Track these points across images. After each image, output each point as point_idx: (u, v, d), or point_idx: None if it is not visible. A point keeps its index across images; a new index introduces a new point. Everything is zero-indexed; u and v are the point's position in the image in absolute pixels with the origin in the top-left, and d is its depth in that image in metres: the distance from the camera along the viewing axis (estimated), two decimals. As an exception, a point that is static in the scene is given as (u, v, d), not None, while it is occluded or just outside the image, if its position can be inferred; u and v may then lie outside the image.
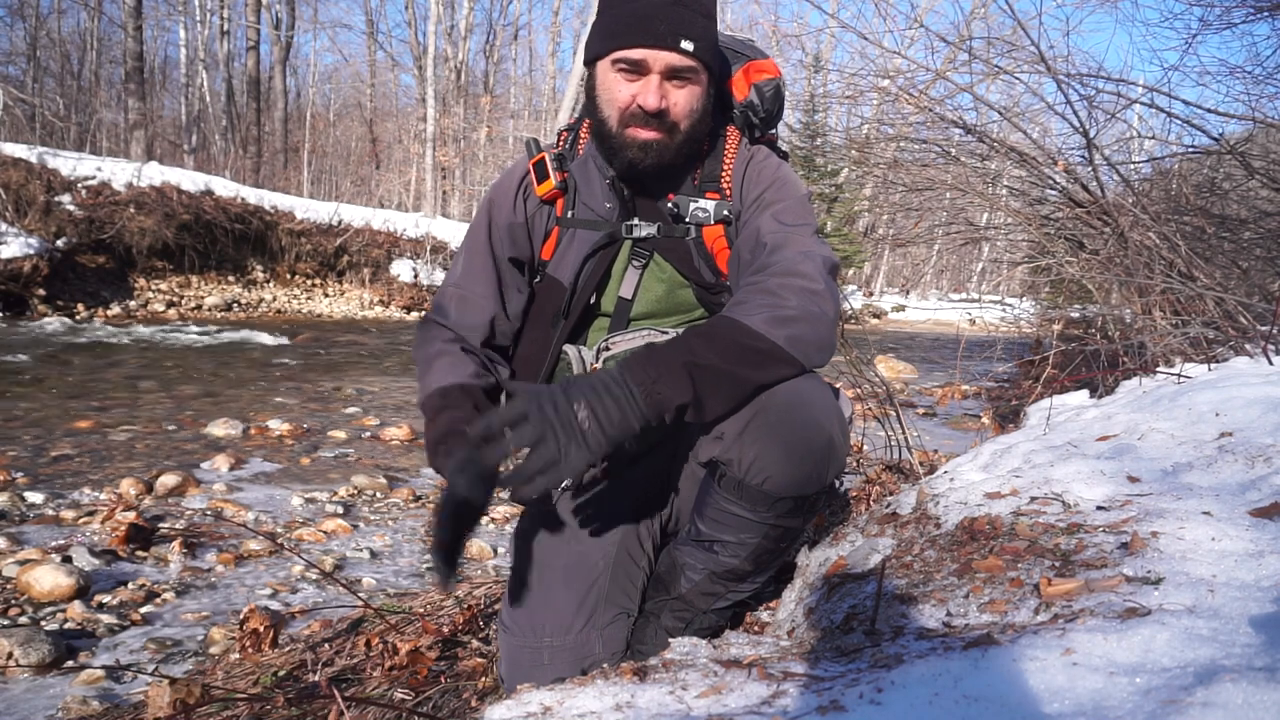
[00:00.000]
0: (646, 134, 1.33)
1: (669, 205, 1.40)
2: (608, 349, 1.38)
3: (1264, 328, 2.66)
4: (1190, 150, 5.12)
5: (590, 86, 1.40)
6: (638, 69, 1.31)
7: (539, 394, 1.11)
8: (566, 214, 1.46)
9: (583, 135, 1.49)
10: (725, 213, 1.40)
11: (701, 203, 1.40)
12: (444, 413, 1.30)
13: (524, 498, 1.14)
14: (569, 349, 1.42)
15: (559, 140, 1.52)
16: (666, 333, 1.38)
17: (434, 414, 1.32)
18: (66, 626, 2.69)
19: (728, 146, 1.45)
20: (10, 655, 2.37)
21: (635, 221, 1.41)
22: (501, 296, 1.47)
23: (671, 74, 1.32)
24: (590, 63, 1.40)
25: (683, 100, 1.34)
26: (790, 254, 1.26)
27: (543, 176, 1.45)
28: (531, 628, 1.37)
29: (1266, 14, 5.25)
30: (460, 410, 1.30)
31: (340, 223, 14.14)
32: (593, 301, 1.43)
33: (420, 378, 1.41)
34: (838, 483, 2.03)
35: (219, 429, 5.34)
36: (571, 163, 1.47)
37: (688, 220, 1.41)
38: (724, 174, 1.43)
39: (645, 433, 1.13)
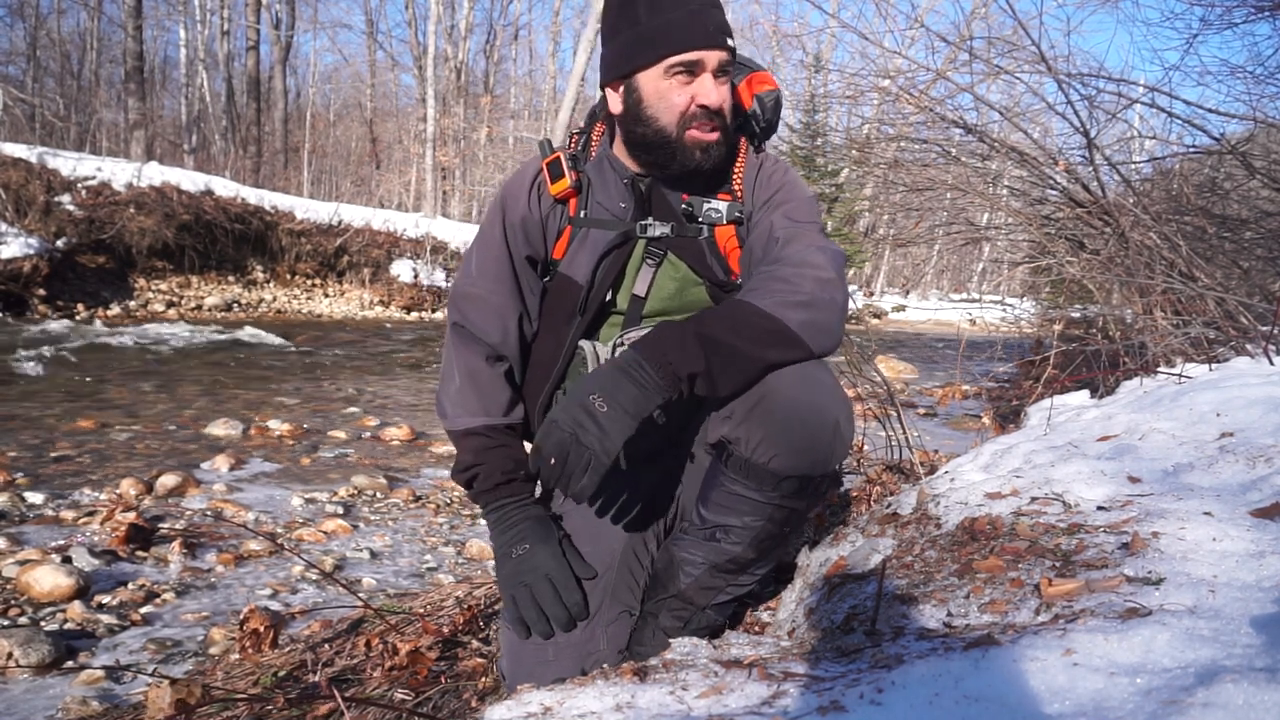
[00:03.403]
0: (708, 135, 1.36)
1: (684, 205, 1.43)
2: (623, 344, 1.40)
3: (1265, 328, 2.66)
4: (1191, 150, 5.12)
5: (633, 101, 1.39)
6: (693, 70, 1.34)
7: (553, 412, 1.20)
8: (579, 213, 1.47)
9: (594, 139, 1.51)
10: (737, 214, 1.43)
11: (714, 203, 1.43)
12: (477, 467, 1.43)
13: (581, 498, 1.19)
14: (584, 344, 1.44)
15: (570, 142, 1.54)
16: None
17: (467, 465, 1.44)
18: (66, 627, 2.69)
19: (738, 152, 1.48)
20: (10, 655, 2.37)
21: (649, 221, 1.43)
22: (522, 297, 1.49)
23: (720, 70, 1.36)
24: (627, 76, 1.38)
25: (728, 96, 1.38)
26: (801, 246, 1.30)
27: (557, 175, 1.46)
28: None
29: (1267, 14, 5.25)
30: (491, 461, 1.43)
31: (340, 223, 14.13)
32: (608, 299, 1.45)
33: (447, 392, 1.47)
34: (841, 483, 2.04)
35: (219, 429, 5.34)
36: (585, 164, 1.49)
37: (700, 220, 1.43)
38: (735, 176, 1.46)
39: (669, 409, 1.19)
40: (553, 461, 1.17)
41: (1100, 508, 1.27)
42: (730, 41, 1.35)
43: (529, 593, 1.35)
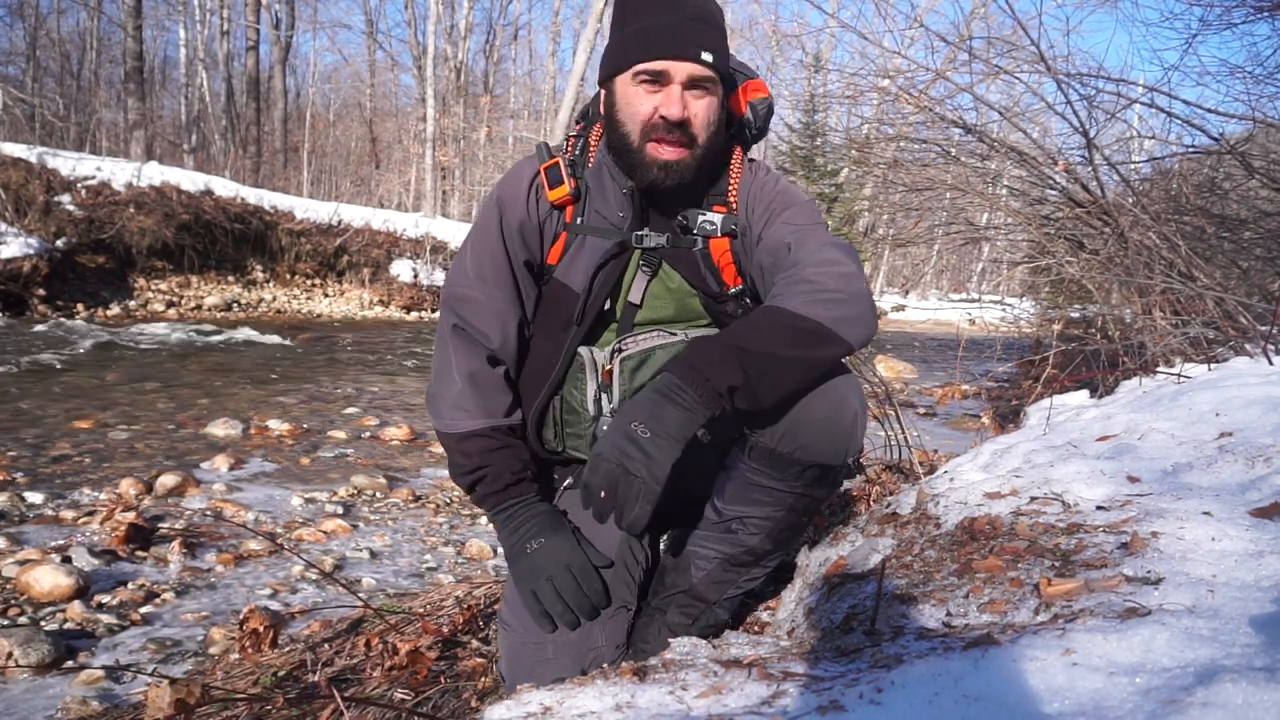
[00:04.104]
0: (668, 153, 1.35)
1: (679, 217, 1.43)
2: (621, 350, 1.40)
3: (1264, 328, 2.66)
4: (1190, 150, 5.12)
5: (609, 104, 1.40)
6: (659, 80, 1.34)
7: (597, 446, 1.18)
8: (576, 220, 1.47)
9: (592, 143, 1.50)
10: (732, 226, 1.43)
11: (709, 215, 1.43)
12: (484, 469, 1.41)
13: (635, 528, 1.16)
14: (583, 350, 1.44)
15: (567, 146, 1.52)
16: (675, 334, 1.41)
17: (472, 467, 1.42)
18: (66, 626, 2.69)
19: (733, 163, 1.48)
20: (10, 655, 2.37)
21: (645, 231, 1.44)
22: (521, 302, 1.48)
23: (691, 84, 1.34)
24: (608, 79, 1.40)
25: (702, 111, 1.36)
26: (814, 246, 1.32)
27: (555, 181, 1.45)
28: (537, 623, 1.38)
29: (1266, 14, 5.25)
30: (497, 463, 1.41)
31: (340, 223, 14.13)
32: (606, 307, 1.45)
33: (444, 395, 1.44)
34: (853, 475, 2.06)
35: (219, 429, 5.34)
36: (583, 170, 1.48)
37: (695, 232, 1.44)
38: (730, 189, 1.46)
39: (714, 424, 1.18)
40: (603, 495, 1.14)
41: (1099, 507, 1.27)
42: (706, 56, 1.32)
43: (551, 586, 1.34)
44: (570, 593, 1.34)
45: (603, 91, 1.43)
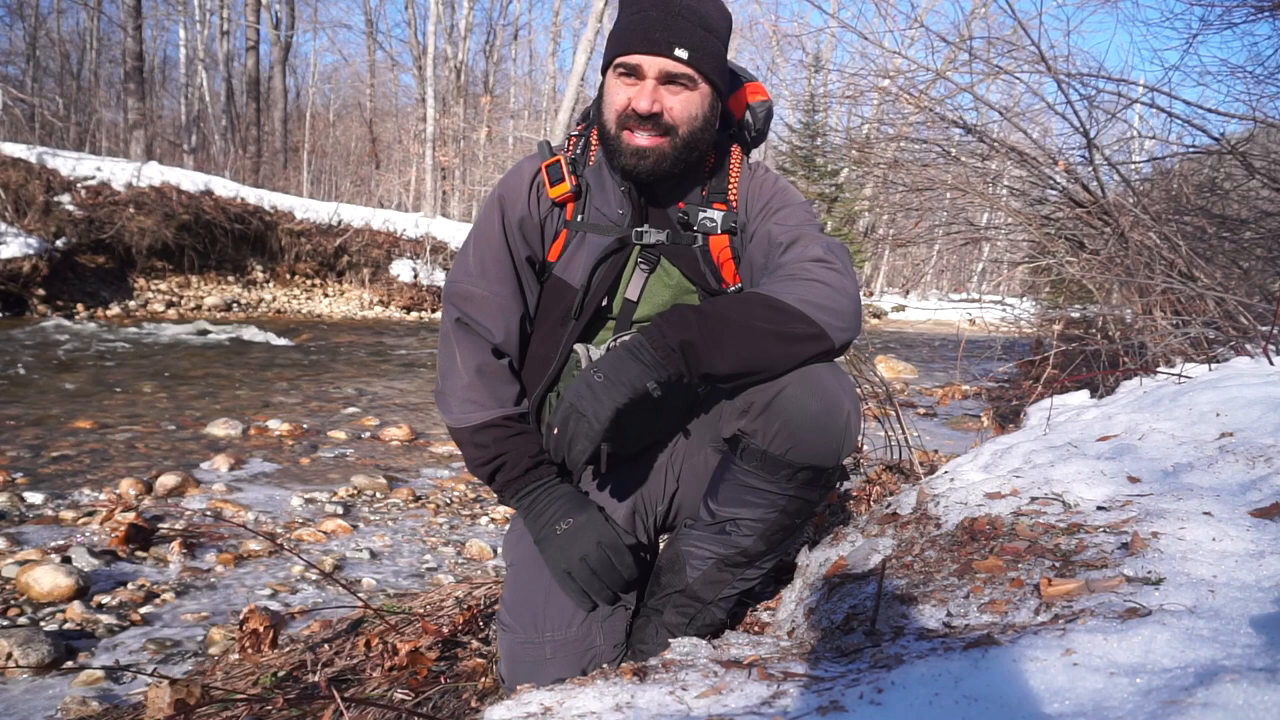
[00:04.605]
0: (641, 140, 1.37)
1: (679, 214, 1.45)
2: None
3: (1264, 328, 2.66)
4: (1191, 150, 5.12)
5: (599, 93, 1.46)
6: (634, 74, 1.36)
7: (564, 392, 1.28)
8: (577, 218, 1.48)
9: (593, 142, 1.52)
10: (732, 223, 1.45)
11: (709, 212, 1.45)
12: (502, 457, 1.43)
13: (575, 463, 1.25)
14: (579, 347, 1.45)
15: (569, 145, 1.54)
16: None
17: (490, 457, 1.44)
18: (66, 627, 2.69)
19: (732, 162, 1.50)
20: (10, 655, 2.37)
21: (645, 228, 1.45)
22: (523, 297, 1.49)
23: (667, 79, 1.36)
24: (602, 73, 1.45)
25: (679, 106, 1.37)
26: (804, 244, 1.34)
27: (556, 179, 1.47)
28: (534, 624, 1.39)
29: (1267, 14, 5.25)
30: (515, 449, 1.43)
31: (340, 223, 14.14)
32: (603, 304, 1.46)
33: (453, 390, 1.45)
34: (847, 476, 2.07)
35: (219, 429, 5.34)
36: (584, 168, 1.50)
37: (695, 228, 1.45)
38: (730, 187, 1.48)
39: (669, 387, 1.23)
40: (555, 431, 1.25)
41: (1100, 508, 1.27)
42: (680, 52, 1.34)
43: (585, 564, 1.34)
44: (605, 569, 1.34)
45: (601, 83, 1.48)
